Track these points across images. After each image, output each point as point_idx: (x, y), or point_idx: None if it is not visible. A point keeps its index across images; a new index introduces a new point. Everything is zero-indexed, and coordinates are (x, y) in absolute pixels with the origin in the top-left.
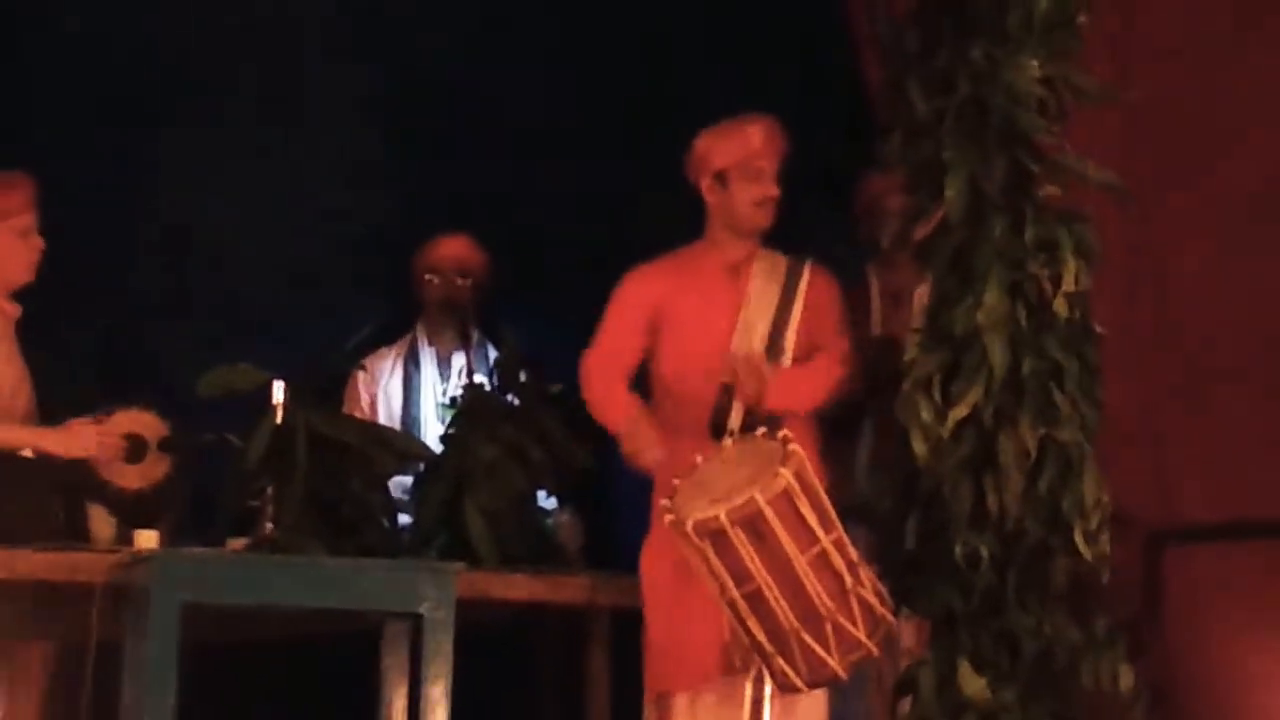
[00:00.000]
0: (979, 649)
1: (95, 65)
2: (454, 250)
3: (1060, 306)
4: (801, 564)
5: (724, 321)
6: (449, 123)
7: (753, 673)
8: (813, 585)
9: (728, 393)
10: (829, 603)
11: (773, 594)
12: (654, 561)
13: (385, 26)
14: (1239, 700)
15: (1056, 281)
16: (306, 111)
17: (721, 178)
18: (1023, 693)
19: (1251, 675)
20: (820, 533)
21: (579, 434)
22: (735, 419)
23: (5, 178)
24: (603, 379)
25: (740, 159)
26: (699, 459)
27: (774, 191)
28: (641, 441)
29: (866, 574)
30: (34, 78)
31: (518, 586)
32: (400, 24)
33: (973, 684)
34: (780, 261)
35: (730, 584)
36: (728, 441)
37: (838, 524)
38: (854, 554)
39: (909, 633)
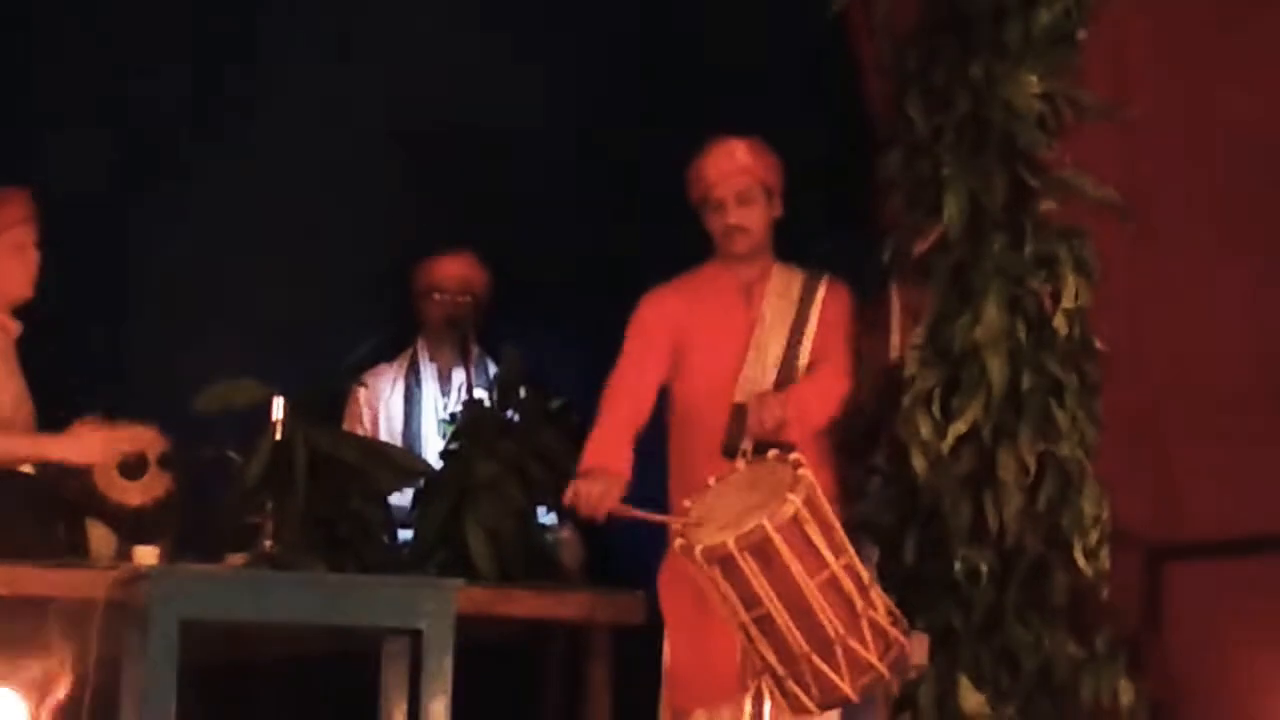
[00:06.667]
0: (978, 665)
1: (104, 83)
2: (456, 269)
3: (1060, 322)
4: (811, 589)
5: (737, 343)
6: (449, 138)
7: (751, 689)
8: (822, 609)
9: (739, 414)
10: (839, 627)
11: (782, 619)
12: (671, 581)
13: (384, 38)
14: (1240, 716)
15: (1056, 297)
16: (305, 125)
17: (700, 208)
18: (1022, 708)
19: (1252, 691)
20: (830, 557)
21: (579, 450)
22: (748, 440)
23: (0, 193)
24: (611, 426)
25: (700, 194)
26: (711, 481)
27: (733, 220)
28: (582, 490)
29: (878, 596)
30: (43, 89)
31: (518, 603)
32: (400, 36)
33: (972, 700)
34: (796, 279)
35: (740, 608)
36: (740, 463)
37: (848, 547)
38: (865, 576)
39: (918, 648)
